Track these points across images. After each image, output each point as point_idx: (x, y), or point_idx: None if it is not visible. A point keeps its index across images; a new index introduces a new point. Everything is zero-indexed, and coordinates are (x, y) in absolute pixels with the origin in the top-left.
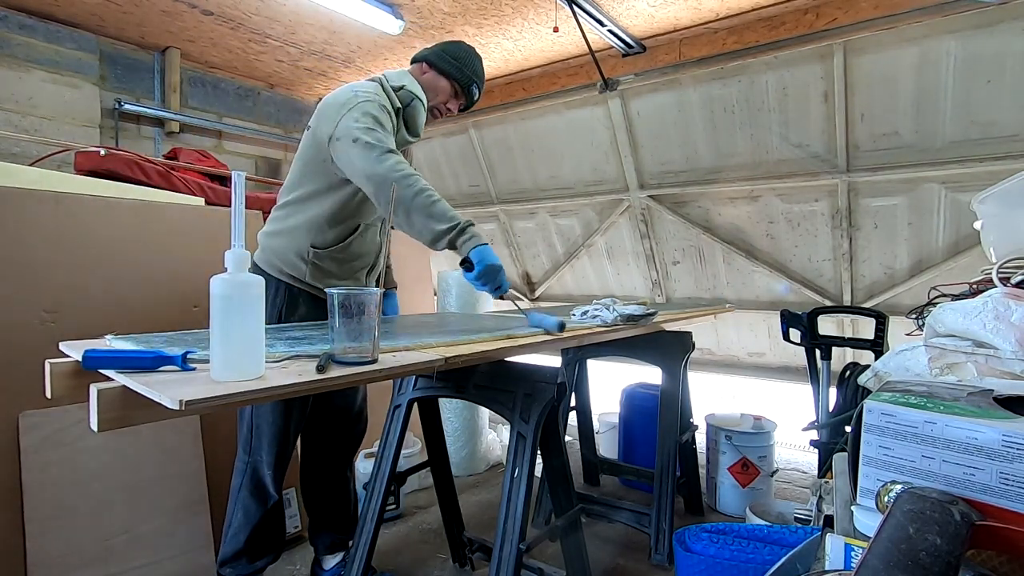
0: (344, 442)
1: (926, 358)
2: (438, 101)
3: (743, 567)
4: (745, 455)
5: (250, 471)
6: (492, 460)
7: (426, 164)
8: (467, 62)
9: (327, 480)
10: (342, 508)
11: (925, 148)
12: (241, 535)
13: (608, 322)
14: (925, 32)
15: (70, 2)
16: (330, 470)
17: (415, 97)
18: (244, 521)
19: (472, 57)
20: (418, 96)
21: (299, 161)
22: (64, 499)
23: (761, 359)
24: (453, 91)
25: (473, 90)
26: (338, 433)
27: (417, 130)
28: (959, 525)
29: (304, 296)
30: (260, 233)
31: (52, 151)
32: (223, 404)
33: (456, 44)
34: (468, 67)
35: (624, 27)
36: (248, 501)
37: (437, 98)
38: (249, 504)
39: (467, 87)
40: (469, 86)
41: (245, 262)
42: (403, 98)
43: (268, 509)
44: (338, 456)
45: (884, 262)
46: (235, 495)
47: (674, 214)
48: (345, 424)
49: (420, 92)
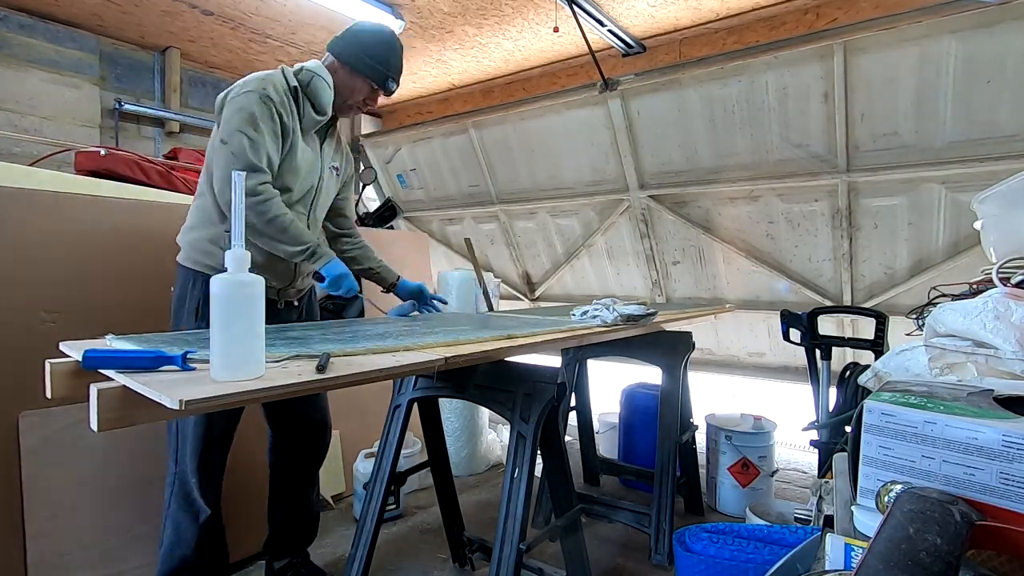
0: (312, 455)
1: (926, 358)
2: (356, 99)
3: (743, 567)
4: (745, 455)
5: (178, 483)
6: (492, 460)
7: (426, 164)
8: (380, 58)
9: (291, 492)
10: (299, 520)
11: (925, 148)
12: (176, 552)
13: (608, 322)
14: (925, 32)
15: (70, 2)
16: (295, 487)
17: (314, 75)
18: (176, 538)
19: (386, 48)
20: (318, 74)
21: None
22: (64, 499)
23: (761, 359)
24: (368, 89)
25: (390, 85)
26: (308, 446)
27: (323, 108)
28: (959, 525)
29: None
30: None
31: (52, 151)
32: (223, 404)
33: (370, 35)
34: (382, 63)
35: (624, 27)
36: (178, 515)
37: (354, 97)
38: (180, 519)
39: (383, 83)
40: (385, 82)
41: (245, 262)
42: (302, 78)
43: (202, 525)
44: (305, 471)
45: (884, 262)
46: (166, 510)
47: (674, 214)
48: (314, 436)
49: (322, 71)
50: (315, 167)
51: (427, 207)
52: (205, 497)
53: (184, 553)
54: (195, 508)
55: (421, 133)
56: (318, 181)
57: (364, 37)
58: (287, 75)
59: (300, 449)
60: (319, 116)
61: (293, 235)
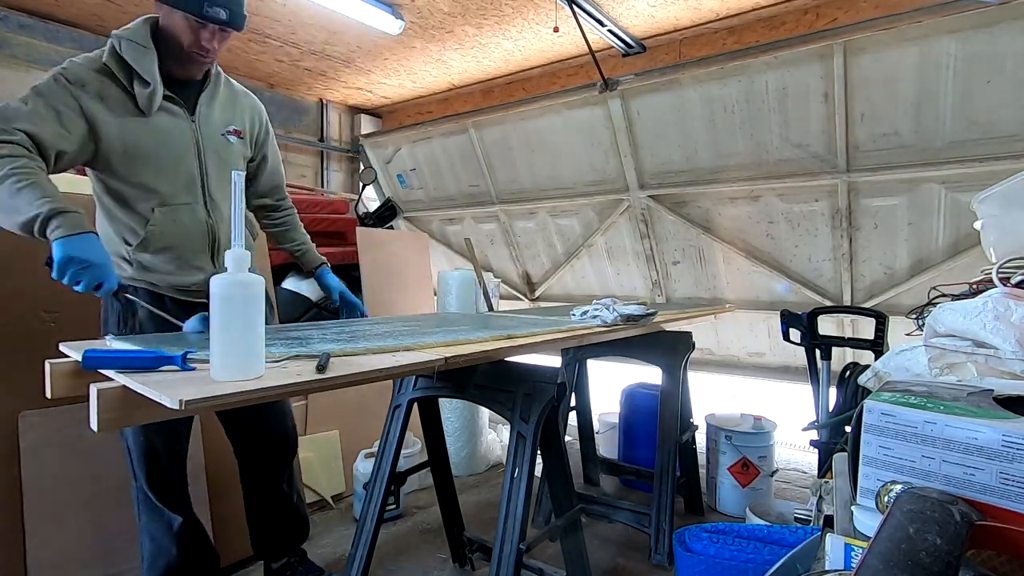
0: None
1: (926, 358)
2: (185, 44)
3: (743, 567)
4: (745, 455)
5: (141, 495)
6: (492, 460)
7: (426, 164)
8: None
9: (262, 498)
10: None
11: (925, 148)
12: (159, 562)
13: (608, 322)
14: (925, 32)
15: (70, 2)
16: (265, 488)
17: (124, 39)
18: (155, 549)
19: None
20: (129, 38)
21: None
22: (64, 499)
23: (761, 359)
24: (189, 25)
25: (208, 11)
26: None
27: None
28: (959, 525)
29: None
30: None
31: None
32: (223, 404)
33: None
34: None
35: (624, 27)
36: (151, 526)
37: (182, 40)
38: (153, 529)
39: (198, 10)
40: (200, 9)
41: (245, 262)
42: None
43: (178, 532)
44: (270, 478)
45: (884, 262)
46: (138, 523)
47: (674, 214)
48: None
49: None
50: (183, 145)
51: (427, 207)
52: (171, 507)
53: (167, 561)
54: (164, 518)
55: (421, 133)
56: (198, 159)
57: None
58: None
59: (261, 460)
60: (145, 88)
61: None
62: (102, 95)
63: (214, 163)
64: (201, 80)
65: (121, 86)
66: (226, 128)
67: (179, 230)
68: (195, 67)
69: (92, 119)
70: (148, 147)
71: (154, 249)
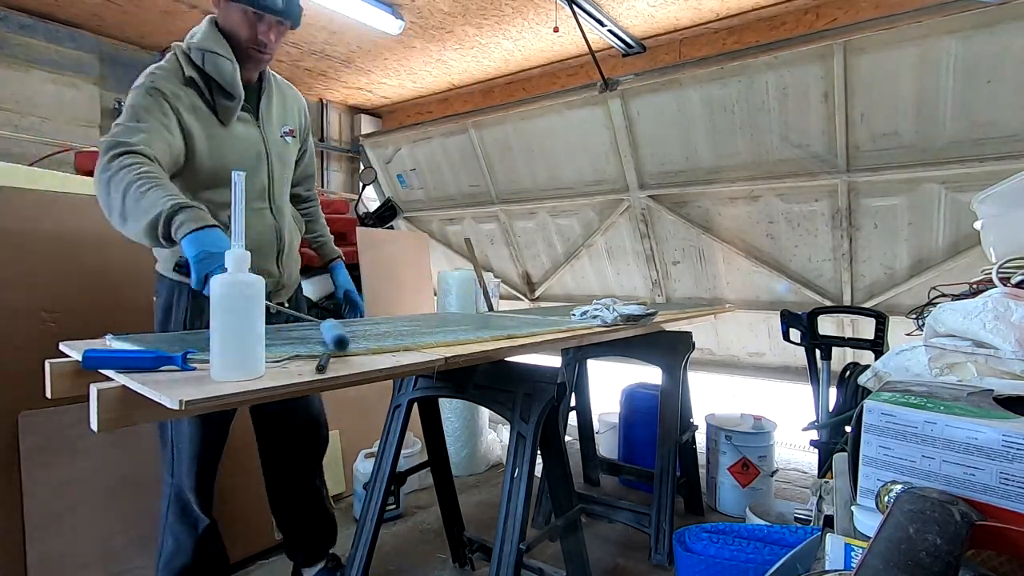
0: (305, 452)
1: (926, 358)
2: (243, 39)
3: (743, 567)
4: (745, 455)
5: (174, 494)
6: (492, 460)
7: (426, 164)
8: None
9: (294, 494)
10: (315, 520)
11: (925, 148)
12: (175, 563)
13: (608, 322)
14: (925, 32)
15: (70, 2)
16: (296, 483)
17: (205, 51)
18: (175, 548)
19: None
20: (208, 49)
21: None
22: (64, 499)
23: (761, 359)
24: (247, 19)
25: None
26: (297, 443)
27: (229, 90)
28: (959, 525)
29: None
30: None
31: (52, 151)
32: (223, 404)
33: None
34: None
35: (624, 27)
36: (177, 527)
37: (240, 35)
38: (178, 530)
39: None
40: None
41: (245, 262)
42: (196, 59)
43: (201, 535)
44: (302, 468)
45: (884, 262)
46: (163, 521)
47: (674, 214)
48: (303, 433)
49: (210, 43)
50: (257, 152)
51: (427, 207)
52: (203, 508)
53: (184, 562)
54: (193, 518)
55: (421, 133)
56: (267, 164)
57: None
58: (181, 62)
59: (289, 449)
60: (228, 101)
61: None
62: (193, 107)
63: (277, 166)
64: (258, 82)
65: (204, 98)
66: (283, 129)
67: (252, 235)
68: (253, 66)
69: (187, 131)
70: (230, 157)
71: None
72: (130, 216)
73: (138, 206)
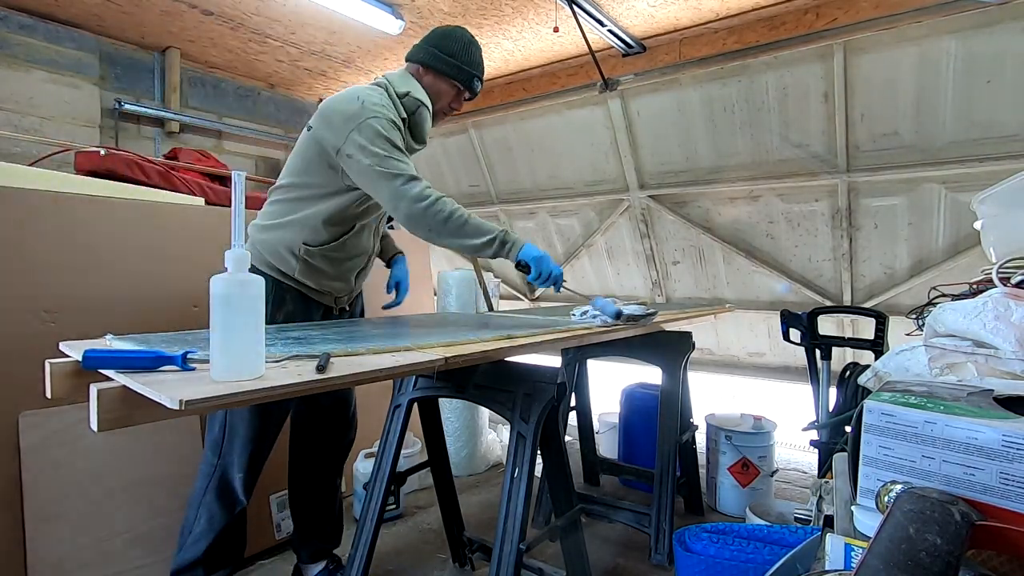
0: (335, 448)
1: (926, 358)
2: (442, 104)
3: (743, 567)
4: (745, 455)
5: (219, 474)
6: (492, 460)
7: (426, 164)
8: (464, 57)
9: (317, 487)
10: (329, 516)
11: (925, 148)
12: (202, 542)
13: (608, 322)
14: (925, 32)
15: (70, 2)
16: (320, 477)
17: (421, 104)
18: (207, 528)
19: (468, 48)
20: (424, 103)
21: (298, 158)
22: (64, 499)
23: (761, 359)
24: (455, 91)
25: (475, 84)
26: (330, 439)
27: (423, 137)
28: (959, 525)
29: (292, 293)
30: (250, 225)
31: (52, 151)
32: (223, 404)
33: (449, 38)
34: (466, 63)
35: (624, 27)
36: (214, 506)
37: (441, 101)
38: (215, 509)
39: (468, 83)
40: (470, 82)
41: (245, 262)
42: (408, 105)
43: (236, 516)
44: (329, 463)
45: (884, 262)
46: (198, 499)
47: (674, 214)
48: (338, 430)
49: (425, 98)
50: None
51: None
52: (247, 489)
53: (210, 542)
54: (233, 499)
55: None
56: None
57: (444, 41)
58: (395, 102)
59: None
60: (418, 146)
61: (473, 227)
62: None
63: None
64: None
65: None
66: None
67: (357, 247)
68: (437, 122)
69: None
70: None
71: (331, 256)
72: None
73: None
